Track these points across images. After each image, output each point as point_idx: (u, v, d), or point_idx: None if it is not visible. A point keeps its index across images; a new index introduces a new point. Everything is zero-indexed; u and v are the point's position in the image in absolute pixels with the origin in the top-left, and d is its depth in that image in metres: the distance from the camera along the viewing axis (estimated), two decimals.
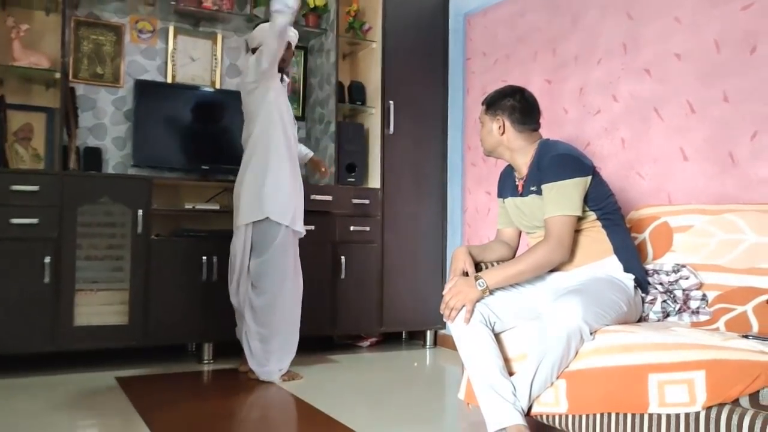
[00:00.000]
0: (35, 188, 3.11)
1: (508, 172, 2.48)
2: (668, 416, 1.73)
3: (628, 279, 2.20)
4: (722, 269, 2.23)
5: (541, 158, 2.27)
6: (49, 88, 3.52)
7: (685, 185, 2.69)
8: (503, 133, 2.34)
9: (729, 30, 2.55)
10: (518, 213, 2.38)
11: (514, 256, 2.54)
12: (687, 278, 2.28)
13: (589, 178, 2.20)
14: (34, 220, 3.10)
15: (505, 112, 2.34)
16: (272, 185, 3.03)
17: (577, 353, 1.97)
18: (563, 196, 2.16)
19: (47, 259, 3.11)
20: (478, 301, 2.14)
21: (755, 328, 1.99)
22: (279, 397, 2.90)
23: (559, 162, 2.20)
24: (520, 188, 2.36)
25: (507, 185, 2.46)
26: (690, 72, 2.70)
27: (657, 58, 2.84)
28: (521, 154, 2.34)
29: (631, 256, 2.26)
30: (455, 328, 2.16)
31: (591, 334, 1.95)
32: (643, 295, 2.27)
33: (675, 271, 2.31)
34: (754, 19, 2.47)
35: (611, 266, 2.22)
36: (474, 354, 2.10)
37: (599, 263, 2.23)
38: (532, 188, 2.27)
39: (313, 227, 3.65)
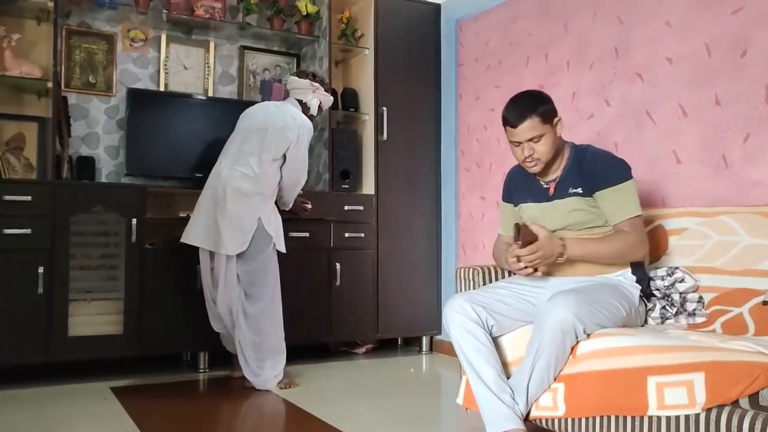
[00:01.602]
0: (28, 198, 3.10)
1: (524, 176, 2.35)
2: (668, 419, 1.73)
3: (635, 288, 2.21)
4: (717, 271, 2.25)
5: (582, 160, 2.22)
6: (41, 98, 3.50)
7: (679, 188, 2.70)
8: (559, 137, 2.24)
9: (719, 33, 2.57)
10: (540, 217, 2.27)
11: None
12: (682, 280, 2.29)
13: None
14: (27, 231, 3.08)
15: (556, 115, 2.22)
16: (273, 219, 3.15)
17: (573, 355, 1.97)
18: (631, 197, 2.16)
19: (41, 270, 3.09)
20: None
21: (752, 330, 2.00)
22: (276, 404, 2.89)
23: (614, 164, 2.20)
24: (551, 191, 2.26)
25: (526, 190, 2.35)
26: (682, 75, 2.72)
27: (648, 62, 2.86)
28: (558, 156, 2.26)
29: (643, 268, 2.27)
30: (453, 331, 2.14)
31: (586, 333, 1.95)
32: (648, 303, 2.27)
33: (669, 275, 2.32)
34: (744, 22, 2.49)
35: (624, 278, 2.22)
36: (472, 357, 2.09)
37: (612, 275, 2.22)
38: (574, 190, 2.20)
39: (307, 234, 3.65)
